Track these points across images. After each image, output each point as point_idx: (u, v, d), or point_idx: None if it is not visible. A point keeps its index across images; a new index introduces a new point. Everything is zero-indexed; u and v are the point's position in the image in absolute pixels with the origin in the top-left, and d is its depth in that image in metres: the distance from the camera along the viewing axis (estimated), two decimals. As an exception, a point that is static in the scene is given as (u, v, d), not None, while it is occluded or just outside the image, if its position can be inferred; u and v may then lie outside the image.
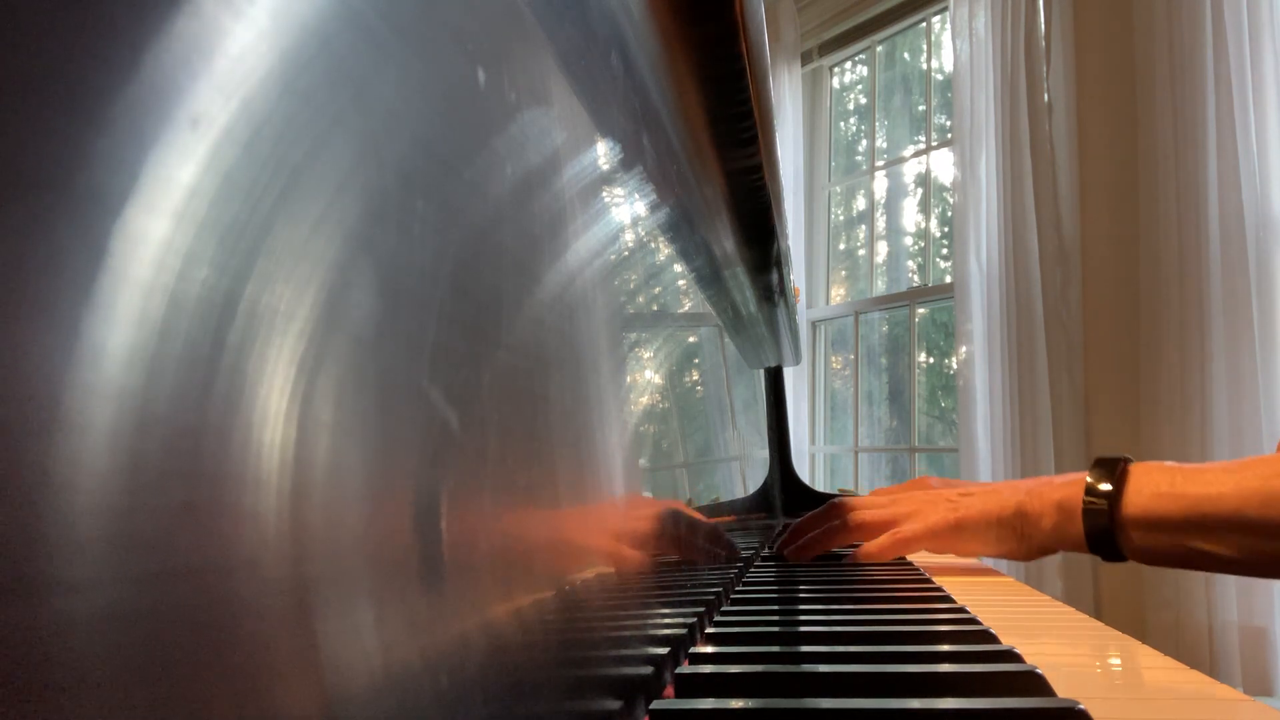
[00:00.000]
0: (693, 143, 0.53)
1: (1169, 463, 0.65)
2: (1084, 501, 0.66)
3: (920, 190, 2.99)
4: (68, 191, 0.09)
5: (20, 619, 0.08)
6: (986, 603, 0.63)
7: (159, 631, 0.10)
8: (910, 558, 0.87)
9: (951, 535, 0.75)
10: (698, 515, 0.52)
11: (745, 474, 0.90)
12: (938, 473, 2.89)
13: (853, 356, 3.07)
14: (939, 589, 0.62)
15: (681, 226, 0.53)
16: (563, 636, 0.23)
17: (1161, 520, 0.62)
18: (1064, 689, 0.36)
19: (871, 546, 0.77)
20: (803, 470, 3.06)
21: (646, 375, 0.42)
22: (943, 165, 2.87)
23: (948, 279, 2.72)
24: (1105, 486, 0.65)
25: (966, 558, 0.82)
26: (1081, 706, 0.30)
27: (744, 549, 0.76)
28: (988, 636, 0.43)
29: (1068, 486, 0.68)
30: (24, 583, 0.08)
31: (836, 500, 0.84)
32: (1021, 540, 0.71)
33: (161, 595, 0.10)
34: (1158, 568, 0.73)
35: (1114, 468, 0.66)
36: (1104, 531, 0.64)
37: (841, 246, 3.28)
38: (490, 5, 0.22)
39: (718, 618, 0.50)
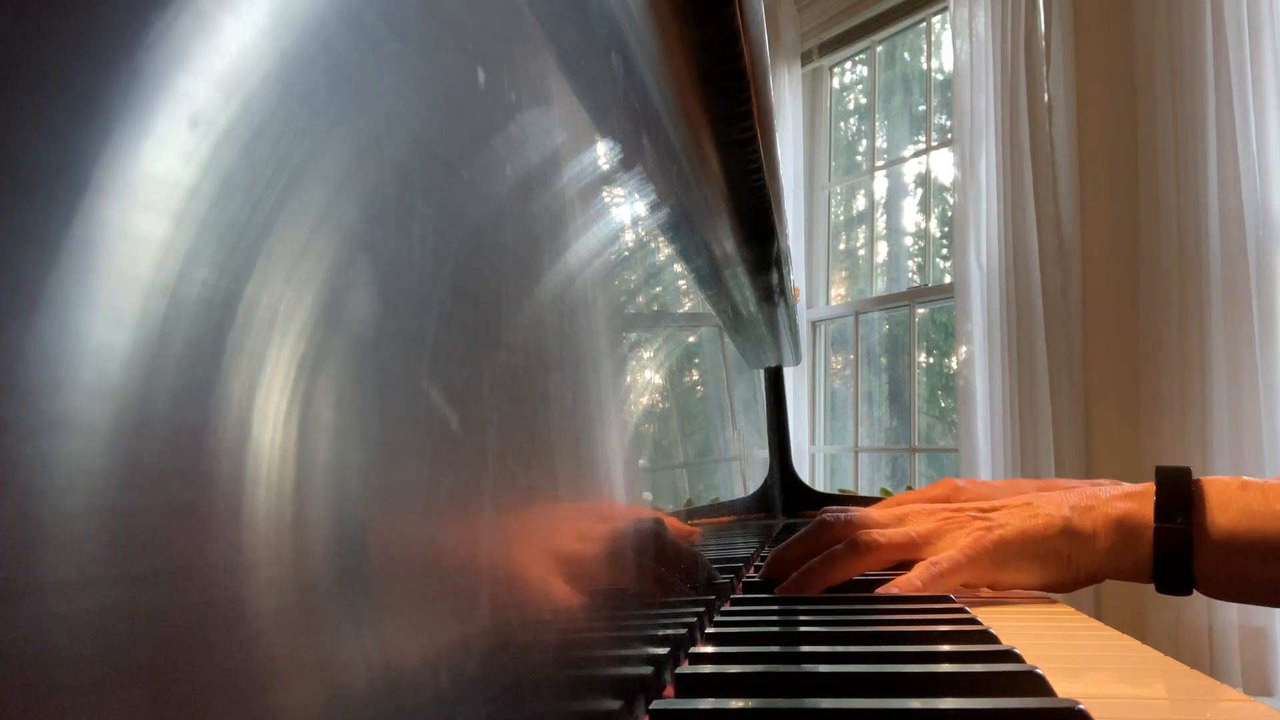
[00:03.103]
0: (693, 143, 0.53)
1: (1242, 477, 0.55)
2: (1156, 522, 0.54)
3: (920, 190, 2.99)
4: (68, 191, 0.09)
5: (20, 619, 0.08)
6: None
7: (158, 631, 0.10)
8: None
9: (991, 562, 0.58)
10: (692, 525, 0.52)
11: (745, 474, 0.90)
12: (937, 472, 2.88)
13: (853, 356, 3.07)
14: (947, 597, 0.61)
15: (681, 226, 0.53)
16: (563, 636, 0.23)
17: (1255, 545, 0.52)
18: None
19: (907, 582, 0.58)
20: (803, 470, 3.06)
21: (646, 375, 0.42)
22: (943, 165, 2.87)
23: (948, 279, 2.72)
24: (1179, 503, 0.54)
25: (999, 591, 0.62)
26: (1081, 706, 0.30)
27: (744, 548, 0.76)
28: (987, 636, 0.43)
29: (1129, 501, 0.57)
30: (24, 583, 0.08)
31: (827, 517, 0.63)
32: (1069, 567, 0.58)
33: (161, 595, 0.10)
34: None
35: (1183, 481, 0.55)
36: (1179, 557, 0.54)
37: (841, 246, 3.28)
38: (490, 5, 0.22)
39: (718, 618, 0.50)
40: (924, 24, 2.89)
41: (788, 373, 1.50)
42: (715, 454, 0.68)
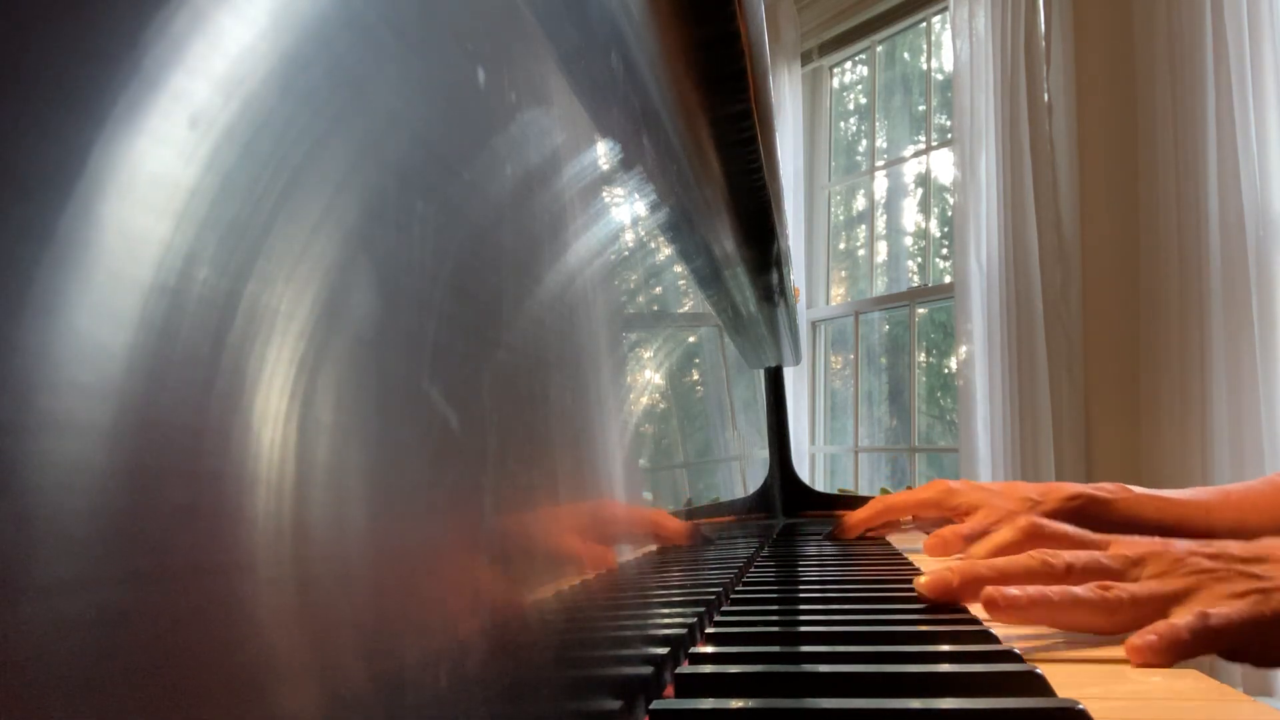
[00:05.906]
0: (693, 143, 0.53)
1: None
2: None
3: (920, 190, 2.99)
4: (68, 191, 0.09)
5: (20, 619, 0.08)
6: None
7: (159, 631, 0.10)
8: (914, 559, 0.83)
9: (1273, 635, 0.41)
10: (691, 520, 0.52)
11: (745, 474, 0.90)
12: (937, 472, 2.88)
13: (853, 356, 3.07)
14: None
15: (681, 226, 0.53)
16: (563, 636, 0.23)
17: None
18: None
19: (1170, 629, 0.41)
20: (803, 470, 3.05)
21: (647, 375, 0.42)
22: (943, 165, 2.87)
23: (948, 279, 2.72)
24: None
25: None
26: (1081, 706, 0.30)
27: (744, 549, 0.76)
28: (988, 636, 0.43)
29: None
30: (24, 583, 0.08)
31: (1048, 556, 0.48)
32: None
33: (161, 595, 0.10)
34: None
35: None
36: None
37: (841, 246, 3.28)
38: (490, 5, 0.22)
39: (718, 618, 0.50)
40: (924, 24, 2.89)
41: (788, 373, 1.50)
42: (715, 454, 0.68)
